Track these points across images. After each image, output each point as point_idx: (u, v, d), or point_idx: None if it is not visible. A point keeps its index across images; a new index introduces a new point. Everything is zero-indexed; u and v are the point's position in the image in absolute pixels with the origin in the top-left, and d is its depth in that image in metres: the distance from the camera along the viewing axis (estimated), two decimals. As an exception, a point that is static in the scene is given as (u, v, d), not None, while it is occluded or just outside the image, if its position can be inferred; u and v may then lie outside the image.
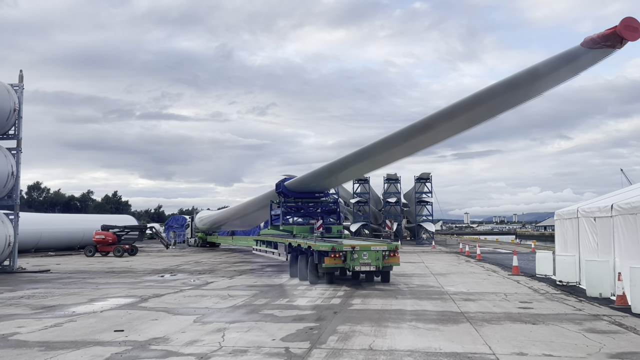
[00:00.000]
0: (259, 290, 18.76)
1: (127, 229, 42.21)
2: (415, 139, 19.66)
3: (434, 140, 20.35)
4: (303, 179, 27.02)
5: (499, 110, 16.92)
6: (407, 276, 23.58)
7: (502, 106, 16.65)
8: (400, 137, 19.89)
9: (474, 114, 17.17)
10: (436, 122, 18.20)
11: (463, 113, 17.15)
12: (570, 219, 21.01)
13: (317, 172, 25.85)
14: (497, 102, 16.27)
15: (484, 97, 16.25)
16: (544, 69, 14.08)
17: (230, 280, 22.38)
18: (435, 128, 18.55)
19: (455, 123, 17.98)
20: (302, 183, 27.17)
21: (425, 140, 19.89)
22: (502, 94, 15.81)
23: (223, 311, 14.16)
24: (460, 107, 17.05)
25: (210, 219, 49.46)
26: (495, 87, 15.83)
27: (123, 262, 33.84)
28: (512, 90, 15.52)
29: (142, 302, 15.97)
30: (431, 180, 67.59)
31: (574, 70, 13.88)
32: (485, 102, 16.39)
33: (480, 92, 16.25)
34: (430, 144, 20.78)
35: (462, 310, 14.26)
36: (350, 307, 14.85)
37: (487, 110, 16.93)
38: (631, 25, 11.65)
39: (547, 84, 14.89)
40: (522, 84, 14.95)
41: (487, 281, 21.55)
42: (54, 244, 50.05)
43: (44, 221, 51.24)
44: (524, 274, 24.12)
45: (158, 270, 27.98)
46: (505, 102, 16.33)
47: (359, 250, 19.28)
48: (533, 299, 16.26)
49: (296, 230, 27.20)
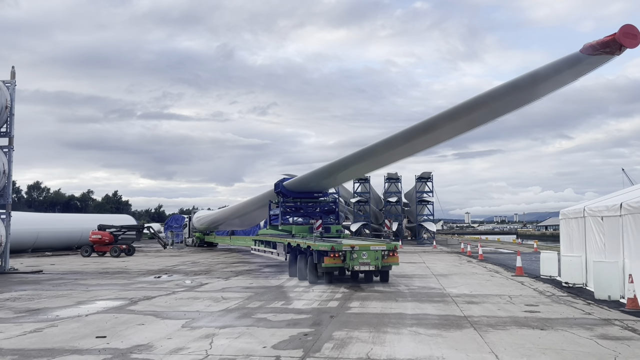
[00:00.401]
0: (254, 292, 18.03)
1: (124, 229, 41.50)
2: (416, 140, 19.51)
3: (435, 142, 20.20)
4: (302, 179, 26.84)
5: (500, 113, 16.91)
6: (408, 277, 22.85)
7: (503, 109, 16.63)
8: (401, 138, 19.70)
9: (475, 116, 17.13)
10: (438, 124, 18.03)
11: (465, 115, 17.08)
12: (576, 218, 20.25)
13: (316, 172, 25.66)
14: (498, 105, 16.24)
15: (486, 100, 16.18)
16: (545, 73, 14.16)
17: (225, 281, 21.66)
18: (436, 130, 18.40)
19: (456, 125, 17.86)
20: (301, 183, 26.95)
21: (426, 141, 19.72)
22: (503, 97, 15.77)
23: (214, 315, 13.43)
24: (462, 110, 16.93)
25: (208, 219, 48.91)
26: (497, 90, 15.77)
27: (119, 263, 33.14)
28: (513, 93, 15.48)
29: (131, 305, 15.24)
30: (432, 179, 66.92)
31: (573, 75, 13.96)
32: (487, 105, 16.34)
33: (482, 95, 16.19)
34: (431, 145, 20.62)
35: (465, 314, 13.52)
36: (348, 310, 14.12)
37: (488, 113, 16.92)
38: (630, 32, 11.68)
39: (546, 88, 14.97)
40: (523, 87, 14.95)
41: (491, 282, 20.81)
42: (52, 244, 49.42)
43: (41, 221, 50.66)
44: (528, 274, 23.38)
45: (153, 271, 27.27)
46: (506, 106, 16.34)
47: (358, 250, 19.05)
48: (539, 302, 15.52)
49: (295, 230, 26.86)
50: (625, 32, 11.62)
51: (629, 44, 11.73)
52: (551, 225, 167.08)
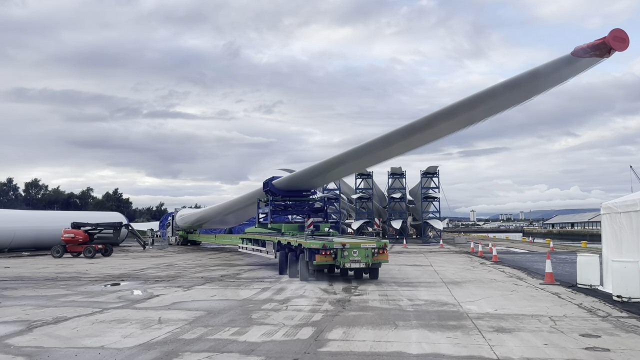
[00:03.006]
0: (208, 310, 13.31)
1: (100, 227, 36.93)
2: (414, 137, 19.17)
3: (430, 139, 19.72)
4: (291, 178, 26.70)
5: (489, 114, 16.86)
6: (413, 285, 18.13)
7: (499, 107, 16.49)
8: (399, 135, 19.27)
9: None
10: (436, 121, 17.67)
11: (463, 113, 16.87)
12: (627, 212, 15.44)
13: (305, 171, 25.60)
14: (494, 103, 16.15)
15: (483, 98, 16.00)
16: (537, 74, 14.21)
17: (184, 292, 16.99)
18: (434, 127, 18.11)
19: (453, 122, 17.64)
20: (290, 182, 26.59)
21: (424, 138, 19.33)
22: (500, 95, 15.68)
23: (120, 355, 8.76)
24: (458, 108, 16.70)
25: (192, 218, 45.55)
26: (495, 88, 15.62)
27: (84, 265, 28.55)
28: (506, 93, 15.51)
29: (19, 334, 10.57)
30: (438, 174, 61.85)
31: (564, 76, 14.08)
32: (484, 103, 16.19)
33: (480, 93, 15.92)
34: (426, 142, 20.15)
35: (498, 354, 8.76)
36: (323, 346, 9.37)
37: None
38: (619, 36, 11.95)
39: (538, 88, 14.99)
40: (521, 85, 14.91)
41: (517, 294, 16.02)
42: (31, 243, 44.82)
43: (19, 218, 46.19)
44: (560, 282, 18.60)
45: (113, 276, 22.67)
46: (497, 106, 16.36)
47: (349, 247, 18.73)
48: (597, 328, 10.73)
49: (285, 228, 25.93)
50: (615, 35, 11.90)
51: (618, 47, 12.00)
52: (557, 223, 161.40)
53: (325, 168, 24.29)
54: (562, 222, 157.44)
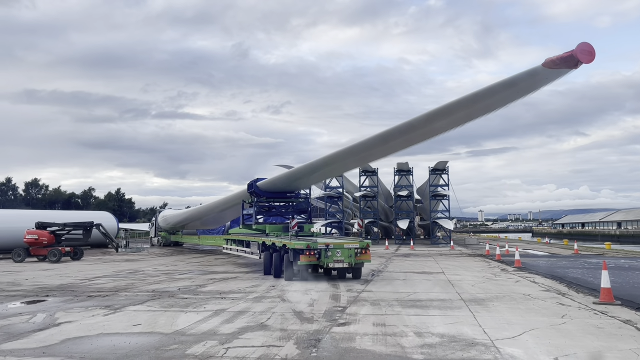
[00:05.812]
0: (99, 356, 8.28)
1: (68, 227, 32.10)
2: (411, 134, 18.59)
3: (426, 137, 19.03)
4: (275, 179, 26.20)
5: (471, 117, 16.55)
6: (422, 306, 13.01)
7: (475, 114, 16.27)
8: (397, 133, 18.61)
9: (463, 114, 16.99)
10: (434, 120, 17.09)
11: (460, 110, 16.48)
12: None
13: (288, 174, 25.52)
14: (470, 111, 16.00)
15: (456, 106, 15.85)
16: (505, 85, 14.27)
17: (104, 317, 11.95)
18: (432, 125, 17.58)
19: (450, 120, 17.14)
20: (274, 184, 26.06)
21: (421, 135, 18.68)
22: (478, 102, 15.42)
23: None
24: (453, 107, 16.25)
25: (175, 219, 42.36)
26: (474, 95, 15.22)
27: (33, 272, 23.71)
28: (487, 99, 15.17)
29: None
30: (448, 171, 56.37)
31: (535, 85, 14.07)
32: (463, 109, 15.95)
33: (458, 100, 15.60)
34: (421, 140, 19.37)
35: None
36: None
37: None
38: (586, 49, 12.06)
39: (506, 99, 15.03)
40: (497, 93, 14.77)
41: (574, 324, 10.81)
42: (3, 245, 40.10)
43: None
44: (621, 300, 13.42)
45: (49, 288, 17.81)
46: (477, 111, 16.06)
47: (332, 248, 18.55)
48: None
49: (269, 229, 25.33)
50: (582, 49, 12.00)
51: (584, 60, 12.08)
52: (567, 223, 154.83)
53: (308, 171, 24.10)
54: (572, 222, 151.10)
